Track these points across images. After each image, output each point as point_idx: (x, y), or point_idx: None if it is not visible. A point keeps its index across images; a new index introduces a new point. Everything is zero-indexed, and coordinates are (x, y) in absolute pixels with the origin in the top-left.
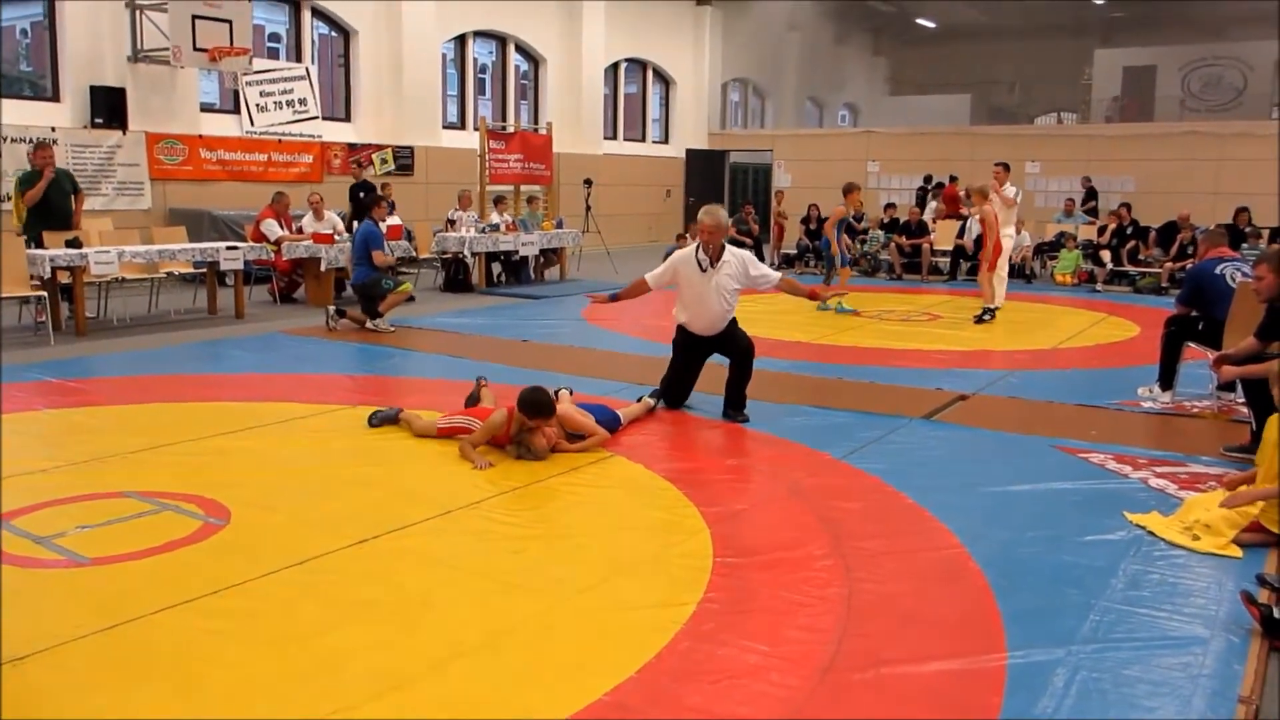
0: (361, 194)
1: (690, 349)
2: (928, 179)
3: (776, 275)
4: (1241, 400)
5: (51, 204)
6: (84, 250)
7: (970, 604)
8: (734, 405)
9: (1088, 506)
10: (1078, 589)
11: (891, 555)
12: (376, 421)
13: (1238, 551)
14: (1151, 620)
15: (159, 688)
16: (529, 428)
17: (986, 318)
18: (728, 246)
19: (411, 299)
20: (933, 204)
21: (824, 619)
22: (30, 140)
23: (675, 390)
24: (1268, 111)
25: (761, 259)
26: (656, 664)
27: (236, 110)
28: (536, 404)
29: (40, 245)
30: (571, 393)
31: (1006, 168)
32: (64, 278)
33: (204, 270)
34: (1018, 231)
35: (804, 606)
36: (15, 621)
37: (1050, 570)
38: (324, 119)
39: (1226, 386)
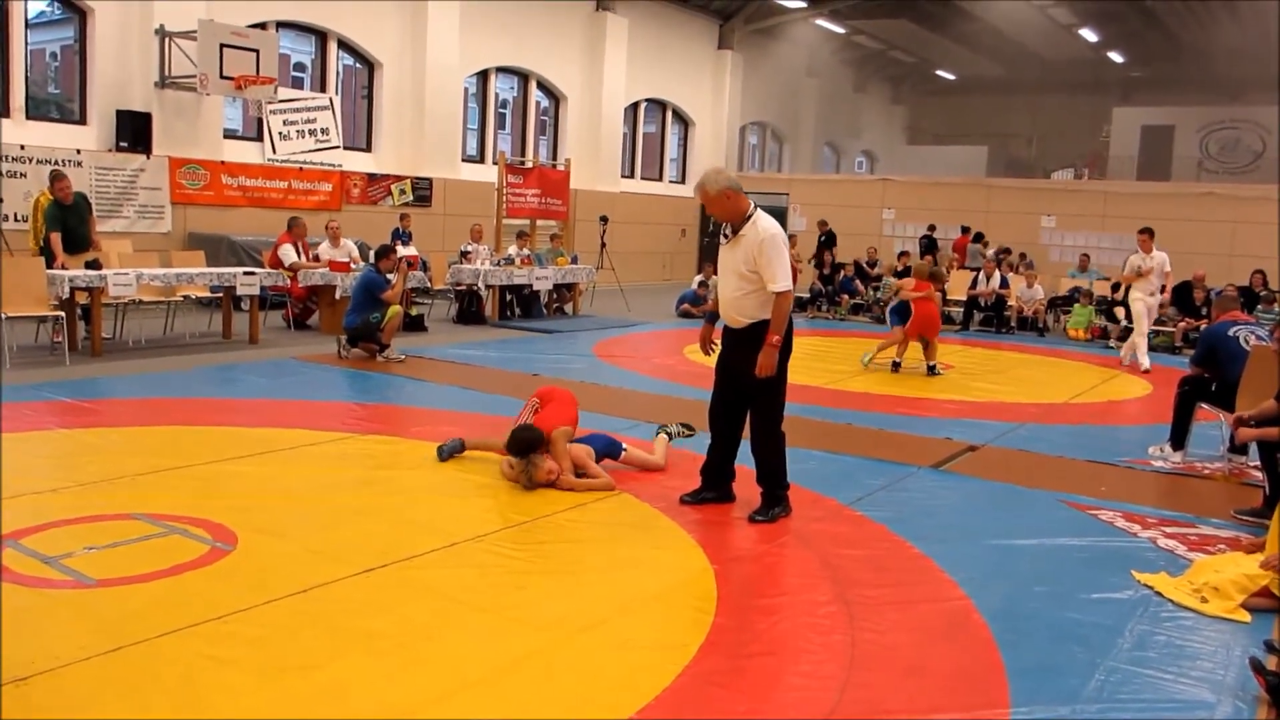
0: None
1: (723, 351)
2: (931, 228)
3: (780, 288)
4: (1255, 464)
5: (70, 230)
6: (103, 272)
7: (974, 657)
8: (759, 476)
9: (1095, 563)
10: (1083, 647)
11: (895, 605)
12: (445, 454)
13: (1246, 616)
14: (1157, 682)
15: (161, 713)
16: (531, 462)
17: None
18: (757, 221)
19: (411, 317)
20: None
21: (826, 666)
22: (54, 162)
23: (713, 412)
24: None
25: None
26: (656, 705)
27: (259, 138)
28: (513, 441)
29: (51, 262)
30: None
31: (1151, 233)
32: (82, 298)
33: (220, 294)
34: (1029, 285)
35: (806, 653)
36: (19, 641)
37: (1056, 626)
38: (345, 149)
39: (1239, 449)
